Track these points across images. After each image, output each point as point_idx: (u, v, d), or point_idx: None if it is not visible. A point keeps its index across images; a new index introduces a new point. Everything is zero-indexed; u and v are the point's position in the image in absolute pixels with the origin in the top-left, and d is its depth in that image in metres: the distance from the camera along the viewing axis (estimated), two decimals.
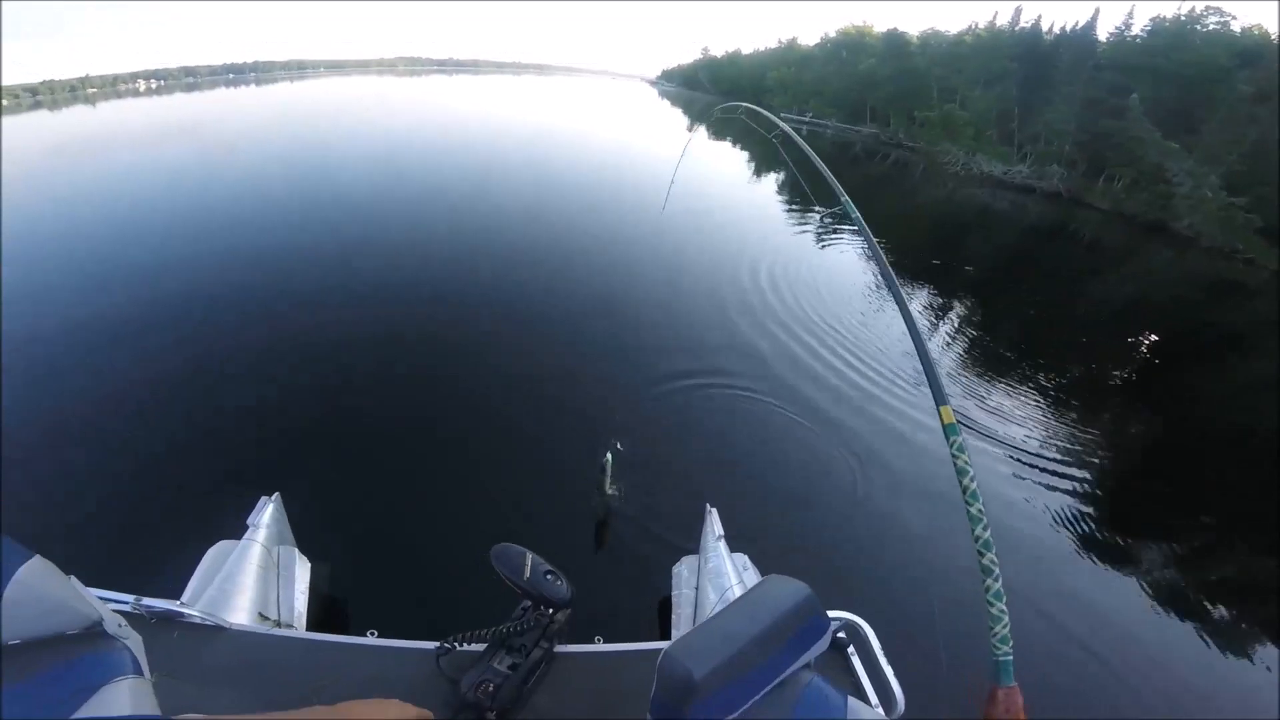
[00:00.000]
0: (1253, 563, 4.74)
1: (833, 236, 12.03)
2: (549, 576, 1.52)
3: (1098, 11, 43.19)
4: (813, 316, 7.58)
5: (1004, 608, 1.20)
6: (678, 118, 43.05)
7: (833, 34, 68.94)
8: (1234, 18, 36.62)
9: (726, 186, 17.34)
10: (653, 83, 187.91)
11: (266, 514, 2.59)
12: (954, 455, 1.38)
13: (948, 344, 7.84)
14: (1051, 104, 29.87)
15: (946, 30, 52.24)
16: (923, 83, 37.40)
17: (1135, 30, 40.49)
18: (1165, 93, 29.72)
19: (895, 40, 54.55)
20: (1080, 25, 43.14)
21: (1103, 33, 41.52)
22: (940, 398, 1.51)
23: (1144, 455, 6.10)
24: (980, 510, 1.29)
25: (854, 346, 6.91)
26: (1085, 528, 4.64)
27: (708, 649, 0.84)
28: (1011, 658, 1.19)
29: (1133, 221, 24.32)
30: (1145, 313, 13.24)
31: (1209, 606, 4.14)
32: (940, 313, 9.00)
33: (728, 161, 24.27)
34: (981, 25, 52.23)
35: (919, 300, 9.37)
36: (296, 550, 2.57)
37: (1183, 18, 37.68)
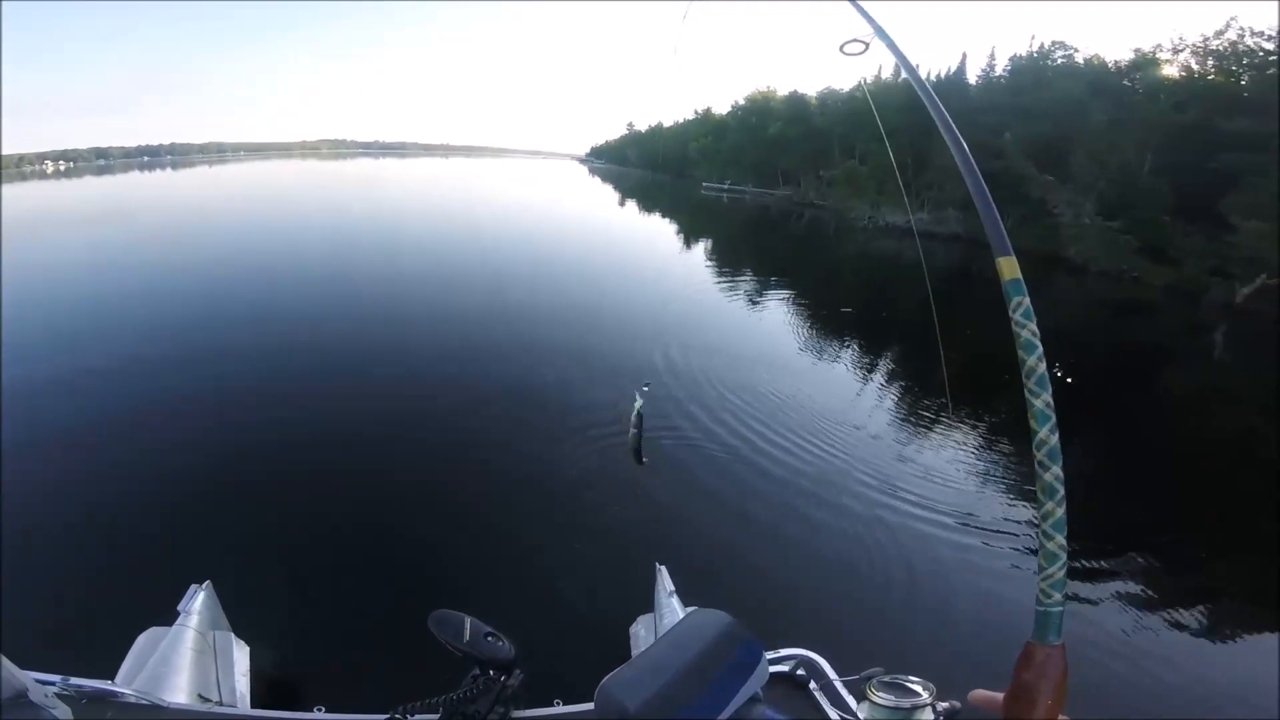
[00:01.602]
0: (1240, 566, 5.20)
1: (765, 294, 12.94)
2: (489, 638, 1.50)
3: (965, 56, 48.57)
4: (749, 373, 8.06)
5: (1064, 544, 0.90)
6: (608, 194, 45.34)
7: (742, 101, 76.39)
8: (1076, 50, 41.73)
9: (661, 253, 18.27)
10: (583, 160, 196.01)
11: (198, 601, 2.54)
12: (1017, 325, 1.01)
13: (880, 392, 8.37)
14: (938, 151, 32.79)
15: (841, 88, 57.11)
16: (826, 142, 40.67)
17: (999, 71, 45.68)
18: (1036, 129, 32.99)
19: (796, 102, 58.47)
20: (952, 70, 48.34)
21: (972, 76, 46.77)
22: (1000, 248, 1.09)
23: (1100, 476, 6.60)
24: (1048, 405, 0.93)
25: (789, 397, 7.36)
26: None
27: (639, 682, 0.88)
28: (1062, 609, 0.89)
29: (1029, 255, 26.58)
30: (1061, 340, 14.39)
31: (1199, 611, 4.48)
32: (869, 365, 9.58)
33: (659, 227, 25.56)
34: (870, 80, 58.02)
35: (849, 352, 9.79)
36: (233, 635, 2.52)
37: (1035, 54, 42.73)
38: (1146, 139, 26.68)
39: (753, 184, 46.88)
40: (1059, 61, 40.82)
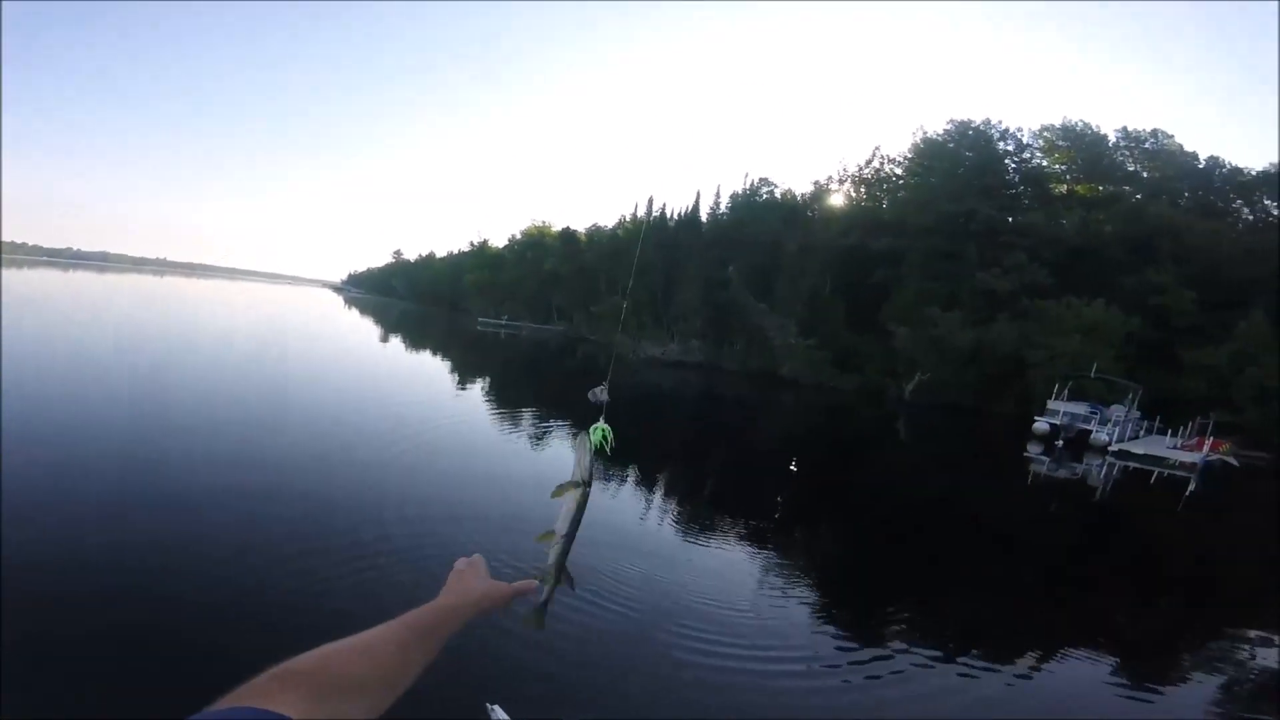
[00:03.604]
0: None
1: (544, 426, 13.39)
2: None
3: (698, 194, 58.33)
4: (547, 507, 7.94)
5: None
6: (366, 329, 42.26)
7: (519, 235, 77.61)
8: (776, 185, 52.63)
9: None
10: (339, 288, 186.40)
11: None
12: None
13: (660, 517, 8.72)
14: (681, 286, 38.34)
15: (605, 225, 63.90)
16: (593, 278, 45.01)
17: (723, 208, 55.34)
18: (754, 260, 40.01)
19: (569, 238, 63.30)
20: (689, 209, 57.40)
21: (704, 213, 55.97)
22: None
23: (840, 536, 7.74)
24: None
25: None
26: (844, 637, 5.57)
27: None
28: None
29: (756, 376, 31.86)
30: (793, 441, 17.62)
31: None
32: (648, 492, 10.01)
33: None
34: (628, 217, 65.89)
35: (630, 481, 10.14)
36: None
37: (748, 191, 53.09)
38: (826, 263, 34.10)
39: (529, 319, 49.33)
40: (764, 197, 51.25)
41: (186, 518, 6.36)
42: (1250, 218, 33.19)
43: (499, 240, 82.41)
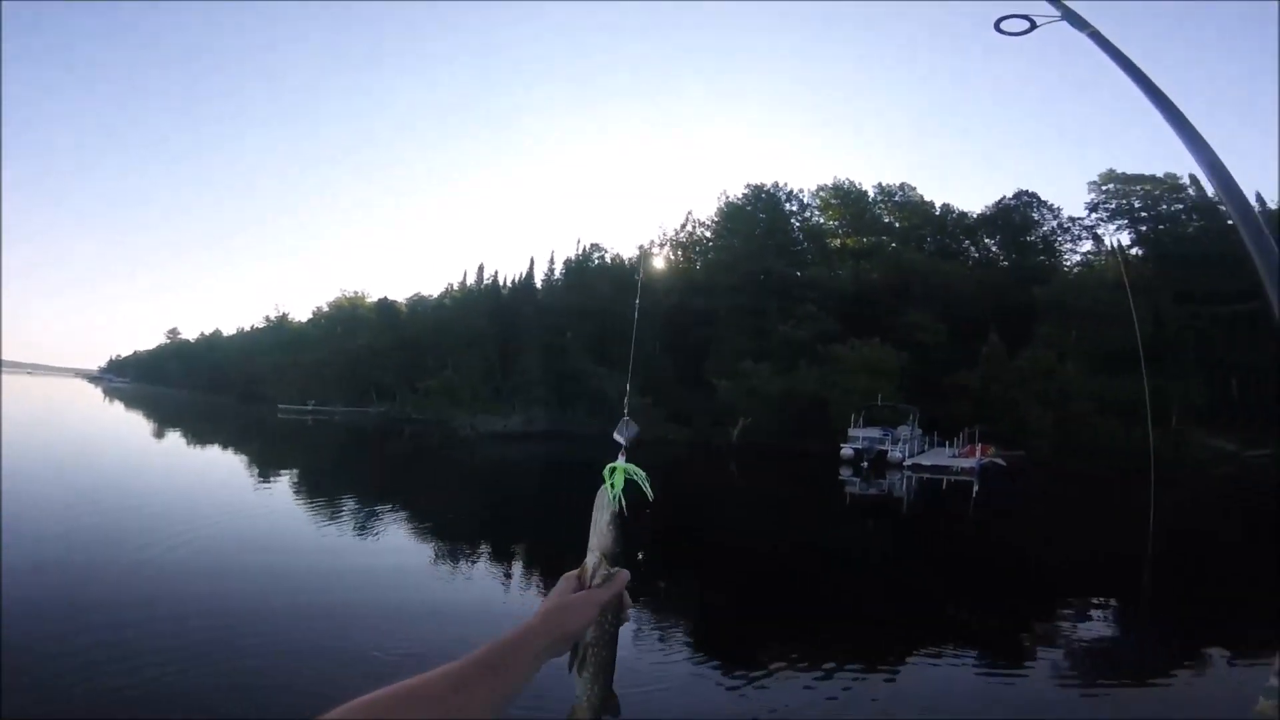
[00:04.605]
0: None
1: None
2: None
3: (532, 261, 58.54)
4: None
5: None
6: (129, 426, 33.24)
7: (325, 307, 71.08)
8: (606, 251, 55.20)
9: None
10: (96, 377, 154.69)
11: None
12: None
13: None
14: (519, 355, 37.78)
15: (430, 294, 60.83)
16: (418, 352, 42.29)
17: (557, 274, 56.50)
18: (590, 326, 40.90)
19: (386, 309, 59.56)
20: (522, 276, 57.50)
21: (539, 279, 56.53)
22: None
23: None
24: None
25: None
26: None
27: None
28: None
29: (603, 438, 32.02)
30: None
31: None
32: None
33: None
34: (456, 285, 63.53)
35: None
36: None
37: (580, 257, 54.91)
38: (655, 324, 36.09)
39: (342, 403, 44.14)
40: (595, 262, 53.36)
41: None
42: (976, 255, 41.71)
43: (301, 314, 74.66)
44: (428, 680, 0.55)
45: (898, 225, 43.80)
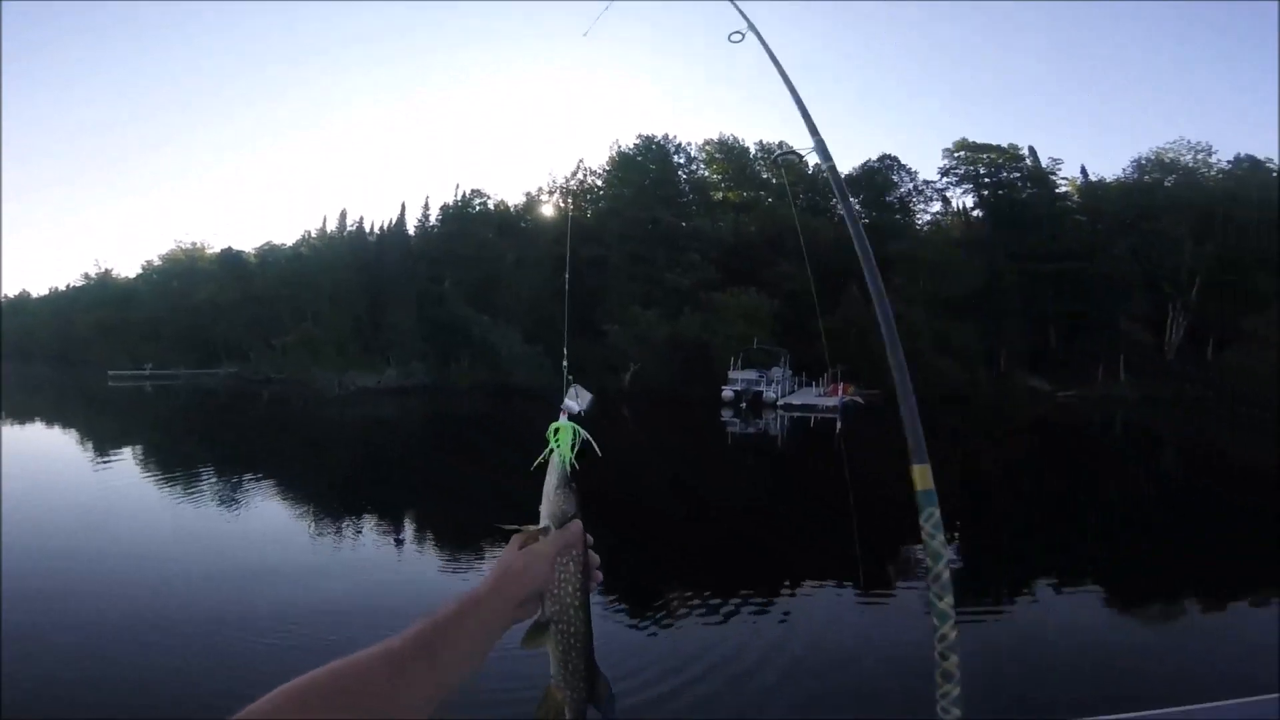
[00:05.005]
0: None
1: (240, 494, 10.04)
2: None
3: (404, 207, 54.14)
4: None
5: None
6: None
7: (158, 261, 62.27)
8: (489, 197, 52.41)
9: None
10: None
11: None
12: (927, 536, 1.37)
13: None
14: (391, 306, 35.30)
15: (283, 243, 54.43)
16: (273, 305, 38.15)
17: (433, 220, 52.90)
18: (470, 274, 39.32)
19: (232, 261, 52.07)
20: (393, 222, 53.24)
21: (412, 226, 52.70)
22: (918, 454, 1.44)
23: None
24: (949, 606, 1.32)
25: None
26: None
27: None
28: None
29: (488, 389, 31.35)
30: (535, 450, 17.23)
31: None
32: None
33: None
34: (314, 233, 57.35)
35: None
36: None
37: (459, 203, 51.74)
38: (546, 271, 35.31)
39: (185, 365, 38.78)
40: (477, 208, 50.62)
41: None
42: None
43: (129, 270, 65.66)
44: (366, 662, 0.48)
45: (774, 181, 46.09)
